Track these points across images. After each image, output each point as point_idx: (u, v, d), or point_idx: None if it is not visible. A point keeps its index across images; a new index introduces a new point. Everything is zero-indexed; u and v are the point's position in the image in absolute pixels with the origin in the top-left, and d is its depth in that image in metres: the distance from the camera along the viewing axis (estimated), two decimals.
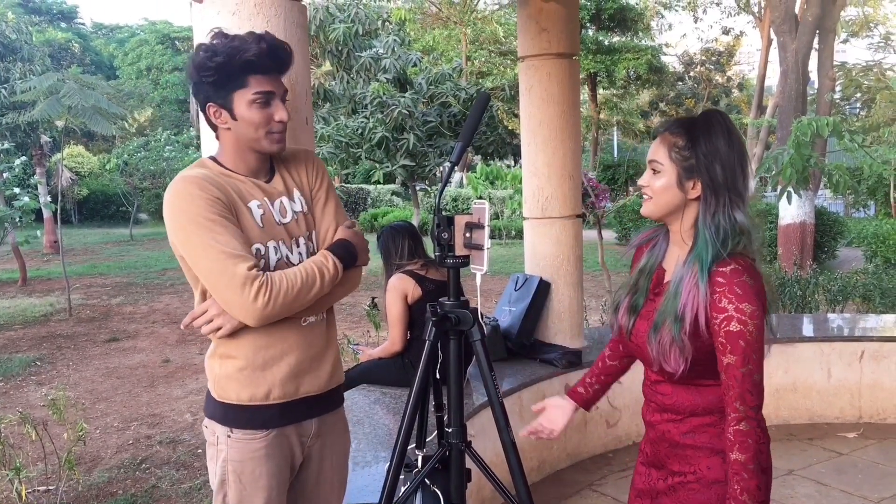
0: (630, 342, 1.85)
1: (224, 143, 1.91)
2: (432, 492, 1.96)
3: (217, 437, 1.93)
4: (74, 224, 26.36)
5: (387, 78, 12.43)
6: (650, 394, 1.88)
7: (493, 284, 10.67)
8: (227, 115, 1.84)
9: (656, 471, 1.90)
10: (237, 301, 1.77)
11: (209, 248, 1.76)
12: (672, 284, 1.73)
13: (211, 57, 1.79)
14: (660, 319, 1.72)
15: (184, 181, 1.82)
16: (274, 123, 1.86)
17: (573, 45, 4.71)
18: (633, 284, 1.87)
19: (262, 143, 1.87)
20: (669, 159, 1.73)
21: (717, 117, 1.75)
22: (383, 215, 22.71)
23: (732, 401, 1.65)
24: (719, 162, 1.69)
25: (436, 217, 1.85)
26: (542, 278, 4.70)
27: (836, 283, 7.77)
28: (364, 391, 3.93)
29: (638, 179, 1.83)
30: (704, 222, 1.70)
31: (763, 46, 23.47)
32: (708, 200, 1.70)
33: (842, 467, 4.33)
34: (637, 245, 1.96)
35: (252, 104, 1.82)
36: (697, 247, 1.70)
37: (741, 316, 1.62)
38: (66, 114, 12.80)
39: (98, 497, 4.38)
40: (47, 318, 10.40)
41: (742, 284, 1.63)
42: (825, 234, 13.25)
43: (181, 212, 1.79)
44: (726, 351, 1.64)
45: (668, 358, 1.70)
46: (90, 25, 47.97)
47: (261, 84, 1.82)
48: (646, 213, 1.80)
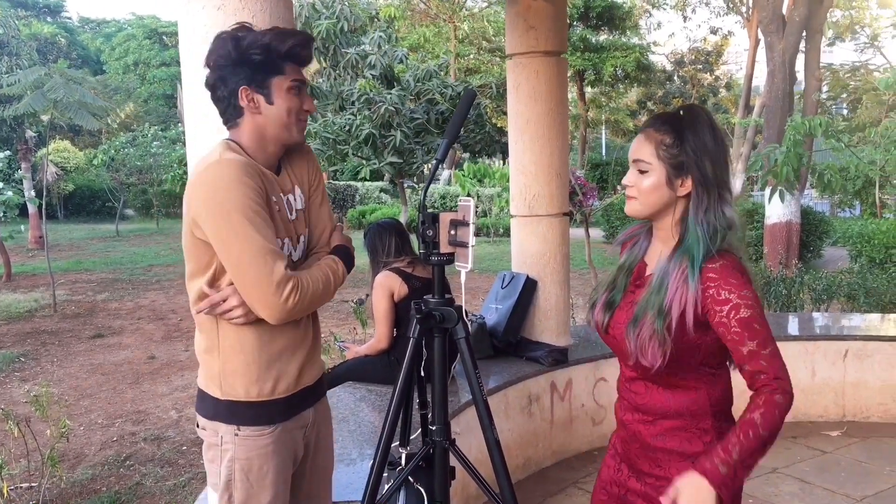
0: (606, 335, 1.83)
1: (245, 131, 1.88)
2: (416, 490, 1.95)
3: (221, 436, 1.91)
4: (60, 219, 26.19)
5: (373, 74, 12.40)
6: (624, 390, 1.87)
7: (480, 282, 10.68)
8: (263, 100, 1.84)
9: (627, 467, 1.88)
10: (268, 299, 1.76)
11: (252, 241, 1.74)
12: (656, 278, 1.71)
13: (256, 37, 1.81)
14: (640, 312, 1.70)
15: (227, 165, 1.77)
16: (303, 112, 1.90)
17: (561, 43, 4.71)
18: (611, 281, 1.86)
19: (292, 130, 1.89)
20: (657, 157, 1.71)
21: (700, 112, 1.73)
22: (371, 212, 22.68)
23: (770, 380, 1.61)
24: (708, 157, 1.68)
25: (421, 214, 1.84)
26: (529, 276, 4.70)
27: (822, 283, 7.81)
28: (349, 388, 3.92)
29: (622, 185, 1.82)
30: (696, 219, 1.68)
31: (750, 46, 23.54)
32: (700, 197, 1.68)
33: (825, 465, 4.35)
34: (622, 241, 1.95)
35: (289, 91, 1.85)
36: (687, 242, 1.69)
37: (746, 301, 1.61)
38: (52, 108, 12.71)
39: (82, 494, 4.35)
40: (32, 314, 10.33)
41: (734, 275, 1.63)
42: (811, 233, 13.32)
43: (224, 197, 1.74)
44: (745, 339, 1.62)
45: (645, 351, 1.67)
46: (77, 20, 47.67)
47: (296, 73, 1.87)
48: (632, 212, 1.78)
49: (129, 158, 22.56)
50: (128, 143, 23.41)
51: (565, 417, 4.48)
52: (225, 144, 1.87)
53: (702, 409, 1.74)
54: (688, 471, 1.64)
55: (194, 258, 1.86)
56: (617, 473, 1.91)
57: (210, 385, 1.92)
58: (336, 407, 3.64)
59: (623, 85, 30.54)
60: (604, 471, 1.98)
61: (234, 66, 1.82)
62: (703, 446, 1.72)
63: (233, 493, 1.91)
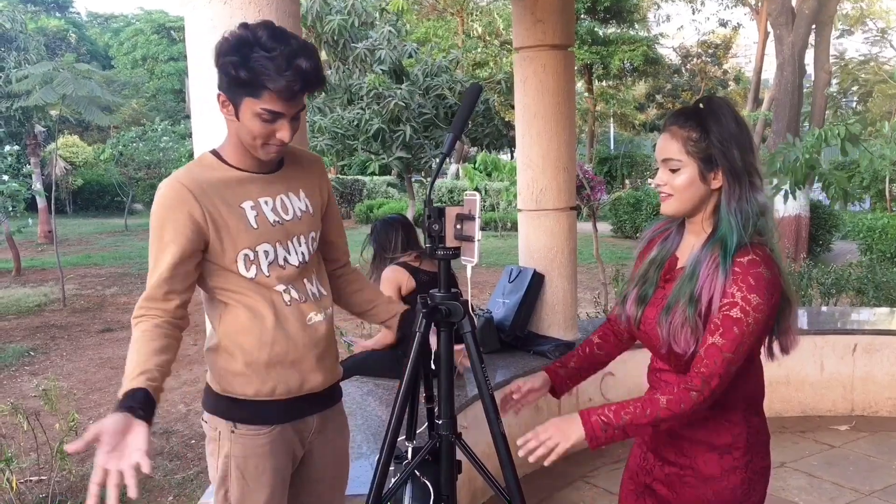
0: (639, 331, 1.84)
1: (229, 133, 1.86)
2: (422, 483, 1.96)
3: (219, 432, 1.91)
4: (69, 214, 26.30)
5: (382, 69, 12.38)
6: (654, 381, 1.88)
7: (487, 276, 10.67)
8: (232, 111, 1.77)
9: (653, 455, 1.90)
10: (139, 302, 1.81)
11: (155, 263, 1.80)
12: (688, 268, 1.72)
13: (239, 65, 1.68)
14: (672, 300, 1.71)
15: (165, 186, 1.81)
16: (274, 139, 1.77)
17: (569, 36, 4.70)
18: (642, 275, 1.86)
19: (257, 151, 1.80)
20: (687, 154, 1.70)
21: (720, 102, 1.73)
22: (378, 207, 22.67)
23: (697, 375, 1.64)
24: (736, 145, 1.67)
25: (426, 208, 1.84)
26: (536, 270, 4.69)
27: (831, 277, 7.78)
28: (357, 383, 3.93)
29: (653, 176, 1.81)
30: (729, 209, 1.68)
31: (760, 39, 23.45)
32: (732, 187, 1.68)
33: (833, 460, 4.34)
34: (650, 238, 1.94)
35: (257, 117, 1.72)
36: (720, 231, 1.69)
37: (746, 305, 1.61)
38: (61, 103, 12.74)
39: None
40: (41, 309, 10.38)
41: (757, 276, 1.62)
42: (820, 227, 13.27)
43: (153, 214, 1.81)
44: (716, 332, 1.63)
45: (678, 338, 1.69)
46: (85, 15, 47.81)
47: (273, 103, 1.71)
48: (670, 211, 1.76)
49: (137, 153, 22.60)
50: (136, 138, 23.46)
51: (573, 411, 4.47)
52: (196, 159, 1.92)
53: (732, 401, 1.75)
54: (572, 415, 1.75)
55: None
56: (643, 462, 1.93)
57: (212, 379, 1.94)
58: (343, 401, 3.65)
59: (631, 78, 30.44)
60: (631, 460, 2.00)
61: (217, 68, 1.76)
62: (731, 438, 1.75)
63: (228, 490, 1.91)
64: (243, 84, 1.70)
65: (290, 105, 1.73)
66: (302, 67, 1.69)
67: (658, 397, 1.65)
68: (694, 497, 1.79)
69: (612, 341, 2.04)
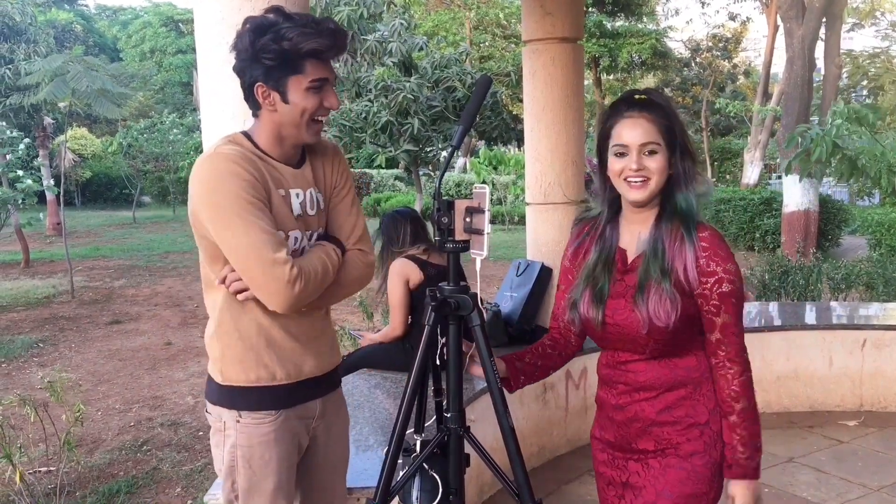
0: (604, 327, 1.85)
1: (262, 124, 1.86)
2: (430, 476, 1.95)
3: (224, 422, 1.92)
4: (77, 206, 26.39)
5: (392, 62, 12.37)
6: (615, 375, 1.91)
7: (494, 270, 10.66)
8: (278, 98, 1.80)
9: (621, 453, 1.93)
10: (273, 286, 1.75)
11: (248, 231, 1.72)
12: (650, 247, 1.78)
13: (276, 40, 1.73)
14: (643, 280, 1.77)
15: (220, 157, 1.76)
16: (322, 109, 1.84)
17: (577, 29, 4.68)
18: (588, 276, 1.88)
19: (303, 132, 1.84)
20: (663, 139, 1.77)
21: (665, 95, 1.88)
22: (386, 200, 22.67)
23: (733, 356, 1.78)
24: (685, 134, 1.81)
25: (436, 201, 1.83)
26: (544, 264, 4.68)
27: (840, 272, 7.75)
28: (364, 376, 3.93)
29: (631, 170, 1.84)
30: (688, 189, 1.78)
31: (769, 33, 23.32)
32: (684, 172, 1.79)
33: (842, 455, 4.33)
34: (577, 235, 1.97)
35: (308, 91, 1.80)
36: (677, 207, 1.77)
37: (730, 276, 1.73)
38: (71, 96, 12.77)
39: (99, 478, 4.40)
40: (50, 300, 10.42)
41: (722, 247, 1.75)
42: (829, 221, 13.21)
43: (216, 189, 1.74)
44: (720, 311, 1.75)
45: (658, 312, 1.74)
46: (93, 7, 47.86)
47: (317, 71, 1.79)
48: (644, 197, 1.78)
49: (146, 146, 22.65)
50: (145, 130, 23.50)
51: (580, 406, 4.48)
52: (230, 137, 1.86)
53: (703, 373, 1.83)
54: (729, 483, 1.80)
55: (203, 248, 1.88)
56: (612, 461, 1.97)
57: (213, 370, 1.94)
58: (351, 394, 3.66)
59: (640, 71, 30.32)
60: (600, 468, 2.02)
61: (251, 61, 1.78)
62: (708, 413, 1.81)
63: (236, 480, 1.92)
64: (285, 63, 1.76)
65: (328, 68, 1.83)
66: (329, 27, 1.79)
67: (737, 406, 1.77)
68: (676, 477, 1.81)
69: (562, 343, 2.05)
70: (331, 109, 1.87)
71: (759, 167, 23.02)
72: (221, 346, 1.90)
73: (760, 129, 23.22)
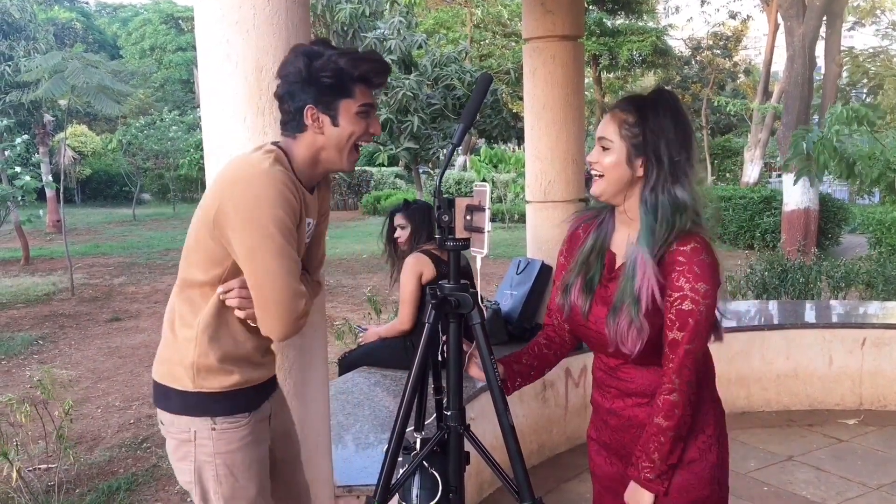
0: (587, 324, 1.84)
1: (302, 146, 1.87)
2: (430, 474, 1.95)
3: (194, 432, 1.87)
4: (77, 204, 26.36)
5: (391, 60, 12.37)
6: (608, 379, 1.90)
7: (494, 268, 10.66)
8: (328, 121, 1.84)
9: (619, 459, 1.91)
10: (285, 315, 1.78)
11: (284, 261, 1.75)
12: (628, 266, 1.75)
13: (331, 62, 1.80)
14: (619, 302, 1.74)
15: (276, 177, 1.75)
16: (367, 135, 1.90)
17: (578, 27, 4.68)
18: (583, 263, 1.86)
19: (344, 157, 1.89)
20: (619, 136, 1.75)
21: (666, 96, 1.78)
22: (386, 198, 22.67)
23: (670, 373, 1.72)
24: (664, 139, 1.72)
25: (436, 199, 1.83)
26: (544, 262, 4.68)
27: (840, 270, 7.75)
28: (364, 374, 3.94)
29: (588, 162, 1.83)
30: (643, 196, 1.73)
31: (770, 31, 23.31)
32: (649, 176, 1.73)
33: (841, 454, 4.33)
34: (575, 228, 1.96)
35: (357, 115, 1.85)
36: (643, 225, 1.73)
37: (695, 296, 1.67)
38: (71, 93, 12.76)
39: (99, 475, 4.40)
40: (50, 298, 10.42)
41: (701, 264, 1.68)
42: (829, 220, 13.22)
43: (265, 207, 1.72)
44: (674, 327, 1.70)
45: (625, 339, 1.73)
46: (94, 5, 47.80)
47: (366, 96, 1.86)
48: (597, 192, 1.80)
49: (146, 143, 22.65)
50: (145, 128, 23.50)
51: (580, 404, 4.48)
52: (274, 154, 1.82)
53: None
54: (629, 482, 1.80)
55: (205, 250, 1.83)
56: (611, 468, 1.94)
57: (179, 377, 1.87)
58: (351, 392, 3.66)
59: (640, 69, 30.32)
60: (596, 470, 2.00)
61: (303, 84, 1.82)
62: (701, 418, 1.80)
63: (216, 490, 1.88)
64: (339, 85, 1.82)
65: (373, 97, 1.91)
66: (375, 56, 1.91)
67: (656, 422, 1.73)
68: (678, 487, 1.79)
69: (557, 342, 2.04)
70: (374, 136, 1.93)
71: (760, 166, 23.03)
72: (199, 351, 1.84)
73: (761, 127, 23.23)
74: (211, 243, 1.81)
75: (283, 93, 1.86)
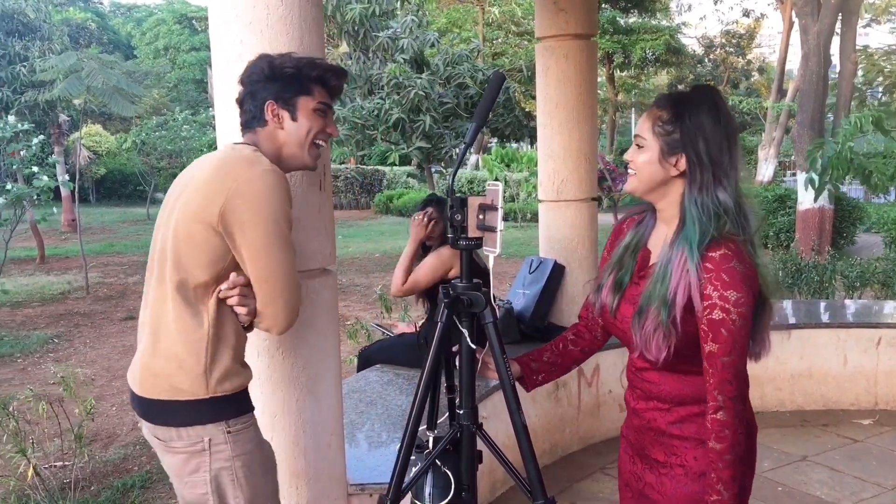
0: (615, 323, 1.80)
1: (264, 141, 1.93)
2: (443, 473, 1.96)
3: (208, 440, 1.82)
4: (92, 203, 26.55)
5: (404, 59, 12.38)
6: (635, 380, 1.85)
7: (506, 267, 10.66)
8: (287, 116, 1.92)
9: (641, 460, 1.87)
10: (290, 309, 1.85)
11: (290, 252, 1.83)
12: (659, 267, 1.69)
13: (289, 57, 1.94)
14: (644, 304, 1.68)
15: (279, 176, 1.81)
16: (324, 134, 1.98)
17: (591, 25, 4.67)
18: (617, 261, 1.83)
19: (305, 153, 1.95)
20: (653, 133, 1.70)
21: (705, 92, 1.71)
22: (398, 197, 22.70)
23: (712, 389, 1.63)
24: (703, 138, 1.65)
25: (449, 198, 1.83)
26: (557, 261, 4.68)
27: (855, 270, 7.70)
28: (377, 372, 3.94)
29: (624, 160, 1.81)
30: (690, 199, 1.66)
31: (784, 29, 23.19)
32: (692, 176, 1.67)
33: (856, 454, 4.31)
34: (621, 223, 1.92)
35: (314, 112, 1.93)
36: (685, 227, 1.66)
37: (725, 304, 1.58)
38: (86, 93, 12.84)
39: (114, 473, 4.43)
40: (65, 296, 10.49)
41: (730, 271, 1.59)
42: (844, 219, 13.13)
43: (278, 209, 1.78)
44: (708, 339, 1.62)
45: (650, 345, 1.67)
46: (108, 5, 48.07)
47: (324, 97, 1.96)
48: (630, 188, 1.77)
49: (159, 142, 22.75)
50: (158, 127, 23.60)
51: (592, 403, 4.47)
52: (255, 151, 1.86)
53: None
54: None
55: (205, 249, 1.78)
56: (633, 466, 1.91)
57: (186, 388, 1.81)
58: (364, 390, 3.67)
59: (653, 68, 30.22)
60: (622, 466, 1.97)
61: (265, 81, 1.91)
62: None
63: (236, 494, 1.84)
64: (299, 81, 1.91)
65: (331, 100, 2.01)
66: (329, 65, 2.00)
67: (711, 446, 1.64)
68: (685, 496, 1.76)
69: (587, 338, 2.00)
70: (331, 136, 2.02)
71: (774, 164, 22.91)
72: (212, 355, 1.81)
73: (775, 125, 23.11)
74: (214, 240, 1.77)
75: (245, 94, 1.95)
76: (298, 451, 2.35)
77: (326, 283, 2.39)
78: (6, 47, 17.34)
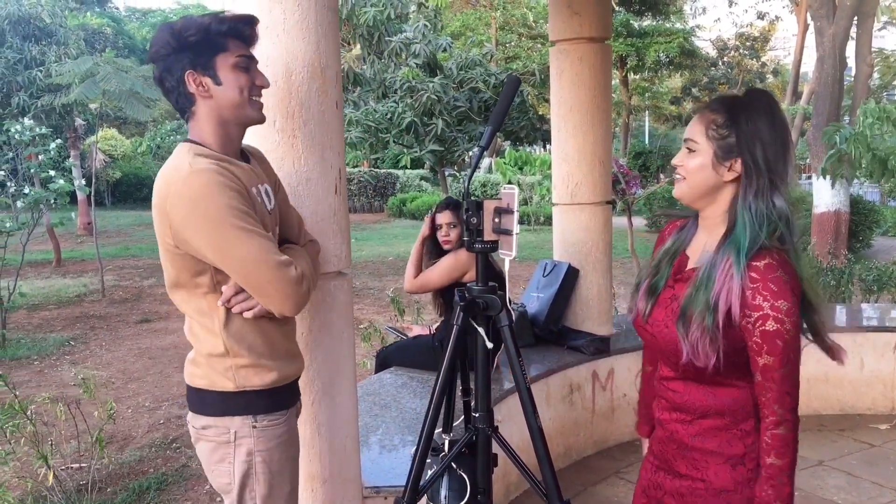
0: (644, 329, 1.77)
1: (203, 120, 1.83)
2: (459, 476, 1.96)
3: (234, 432, 1.85)
4: (108, 206, 26.68)
5: (417, 63, 12.40)
6: (662, 389, 1.81)
7: (520, 270, 10.65)
8: (210, 81, 1.80)
9: (663, 470, 1.84)
10: (286, 291, 1.75)
11: (251, 242, 1.71)
12: (703, 272, 1.64)
13: (192, 20, 1.79)
14: (686, 307, 1.63)
15: (202, 172, 1.71)
16: (255, 88, 1.85)
17: (605, 29, 4.66)
18: (655, 265, 1.80)
19: (247, 109, 1.84)
20: (706, 137, 1.65)
21: (761, 96, 1.66)
22: (411, 200, 22.72)
23: (771, 403, 1.59)
24: (760, 142, 1.60)
25: (465, 202, 1.84)
26: (571, 265, 4.67)
27: (872, 273, 7.64)
28: (391, 375, 3.95)
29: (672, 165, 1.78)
30: (744, 204, 1.61)
31: (799, 31, 23.08)
32: (749, 180, 1.62)
33: (873, 459, 4.27)
34: (663, 230, 1.89)
35: (235, 67, 1.81)
36: (735, 232, 1.61)
37: (777, 314, 1.54)
38: (102, 97, 12.94)
39: (130, 475, 4.45)
40: (81, 299, 10.56)
41: (777, 280, 1.55)
42: (860, 222, 13.04)
43: (207, 204, 1.69)
44: (762, 351, 1.57)
45: (698, 351, 1.61)
46: (123, 9, 48.39)
47: (241, 48, 1.83)
48: (678, 194, 1.72)
49: (174, 146, 22.85)
50: (173, 131, 23.74)
51: (607, 407, 4.46)
52: (188, 149, 1.80)
53: (745, 409, 1.68)
54: None
55: (178, 268, 1.81)
56: (654, 475, 1.87)
57: (217, 380, 1.85)
58: (378, 393, 3.68)
59: (667, 71, 30.13)
60: (643, 473, 1.94)
61: (175, 53, 1.79)
62: (744, 448, 1.67)
63: (253, 488, 1.87)
64: (209, 41, 1.78)
65: (249, 50, 1.86)
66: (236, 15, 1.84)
67: (770, 462, 1.59)
68: None
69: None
70: (262, 87, 1.88)
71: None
72: (231, 353, 1.84)
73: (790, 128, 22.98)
74: (186, 257, 1.78)
75: (161, 72, 1.82)
76: (314, 453, 2.36)
77: (342, 286, 2.39)
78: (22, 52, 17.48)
